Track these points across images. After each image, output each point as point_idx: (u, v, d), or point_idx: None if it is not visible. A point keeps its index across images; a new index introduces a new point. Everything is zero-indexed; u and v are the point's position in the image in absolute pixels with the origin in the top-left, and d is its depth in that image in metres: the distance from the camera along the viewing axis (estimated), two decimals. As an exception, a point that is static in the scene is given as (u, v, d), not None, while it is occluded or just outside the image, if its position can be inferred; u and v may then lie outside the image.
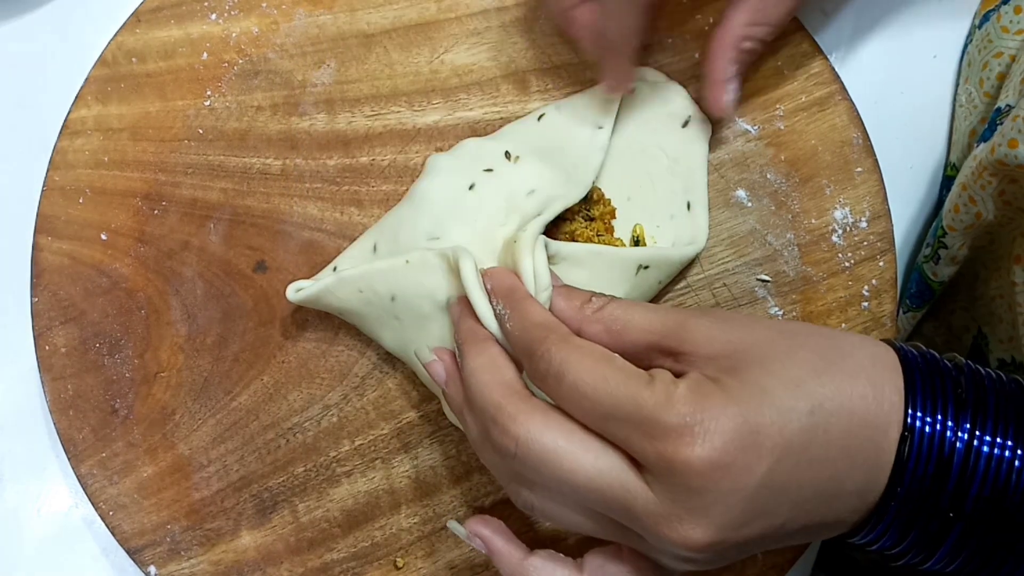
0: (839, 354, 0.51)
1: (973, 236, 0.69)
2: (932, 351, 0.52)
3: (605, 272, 0.64)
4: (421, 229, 0.64)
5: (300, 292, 0.65)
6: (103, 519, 0.68)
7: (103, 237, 0.71)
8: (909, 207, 0.77)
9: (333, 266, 0.68)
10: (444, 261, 0.61)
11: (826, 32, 0.77)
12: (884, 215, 0.70)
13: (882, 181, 0.71)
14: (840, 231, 0.70)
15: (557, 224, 0.67)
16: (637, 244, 0.69)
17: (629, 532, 0.50)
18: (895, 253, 0.70)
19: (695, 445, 0.46)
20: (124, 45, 0.72)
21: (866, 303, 0.70)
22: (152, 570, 0.68)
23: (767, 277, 0.70)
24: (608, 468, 0.49)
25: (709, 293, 0.70)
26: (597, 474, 0.49)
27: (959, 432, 0.49)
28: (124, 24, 0.72)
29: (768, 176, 0.71)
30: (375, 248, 0.66)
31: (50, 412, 0.69)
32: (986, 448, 0.48)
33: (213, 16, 0.73)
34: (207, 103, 0.72)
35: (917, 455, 0.49)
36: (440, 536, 0.68)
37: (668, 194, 0.70)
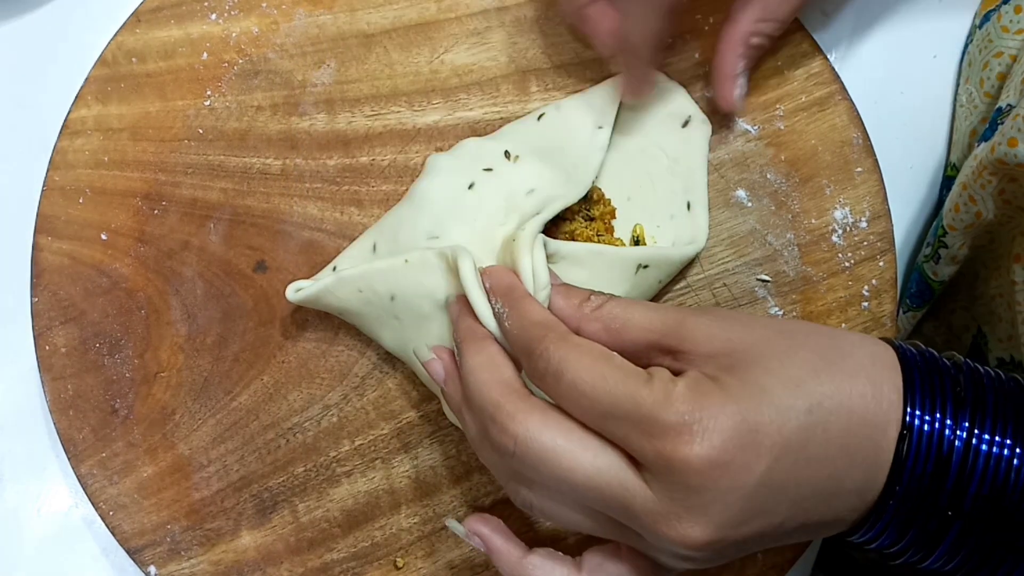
0: (838, 353, 0.51)
1: (973, 236, 0.69)
2: (931, 349, 0.52)
3: (605, 271, 0.64)
4: (421, 229, 0.64)
5: (300, 292, 0.65)
6: (103, 519, 0.68)
7: (103, 237, 0.71)
8: (909, 207, 0.77)
9: (333, 266, 0.68)
10: (443, 260, 0.61)
11: (826, 32, 0.77)
12: (884, 215, 0.70)
13: (882, 181, 0.71)
14: (840, 231, 0.70)
15: (557, 224, 0.67)
16: (637, 244, 0.69)
17: (628, 531, 0.50)
18: (895, 253, 0.70)
19: (694, 443, 0.46)
20: (124, 45, 0.72)
21: (866, 303, 0.70)
22: (152, 570, 0.68)
23: (767, 277, 0.70)
24: (607, 466, 0.49)
25: (709, 293, 0.70)
26: (596, 472, 0.49)
27: (958, 431, 0.49)
28: (124, 24, 0.72)
29: (768, 176, 0.71)
30: (375, 248, 0.66)
31: (50, 412, 0.69)
32: (985, 446, 0.48)
33: (213, 16, 0.73)
34: (207, 103, 0.72)
35: (916, 453, 0.49)
36: (440, 536, 0.68)
37: (668, 194, 0.70)
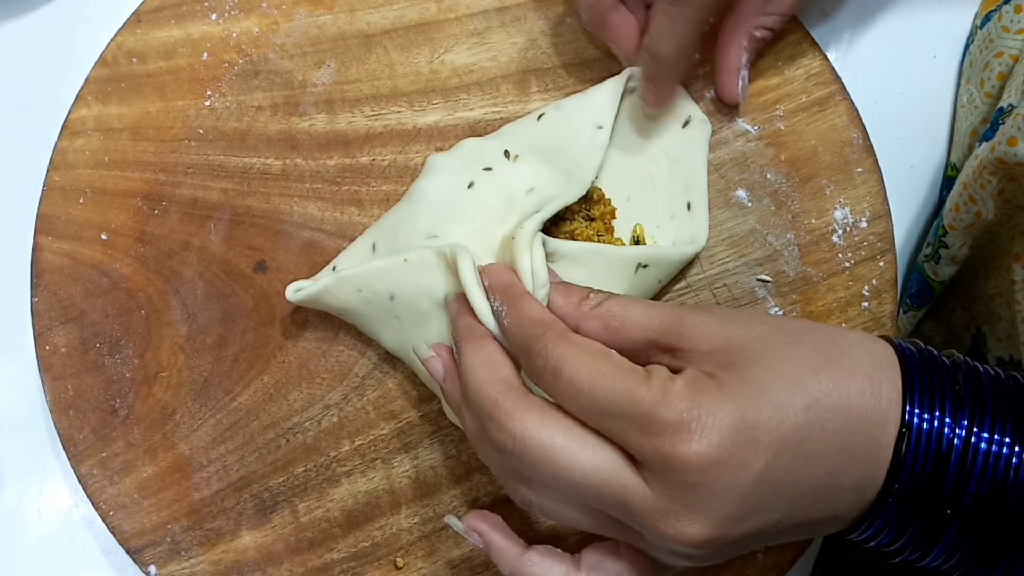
0: (837, 351, 0.50)
1: (973, 235, 0.69)
2: (930, 348, 0.52)
3: (604, 271, 0.64)
4: (420, 228, 0.64)
5: (299, 292, 0.65)
6: (103, 519, 0.68)
7: (103, 237, 0.71)
8: (909, 207, 0.77)
9: (332, 266, 0.68)
10: (442, 259, 0.61)
11: (826, 32, 0.77)
12: (884, 215, 0.70)
13: (882, 181, 0.71)
14: (840, 231, 0.70)
15: (557, 224, 0.67)
16: (637, 244, 0.69)
17: (627, 528, 0.50)
18: (895, 253, 0.70)
19: (692, 441, 0.46)
20: (124, 45, 0.72)
21: (866, 303, 0.70)
22: (152, 570, 0.68)
23: (767, 277, 0.70)
24: (605, 464, 0.49)
25: (709, 293, 0.70)
26: (594, 470, 0.49)
27: (957, 429, 0.49)
28: (124, 24, 0.73)
29: (768, 176, 0.71)
30: (374, 247, 0.66)
31: (50, 412, 0.69)
32: (984, 445, 0.48)
33: (213, 16, 0.73)
34: (207, 103, 0.72)
35: (915, 452, 0.49)
36: (440, 536, 0.68)
37: (668, 194, 0.70)
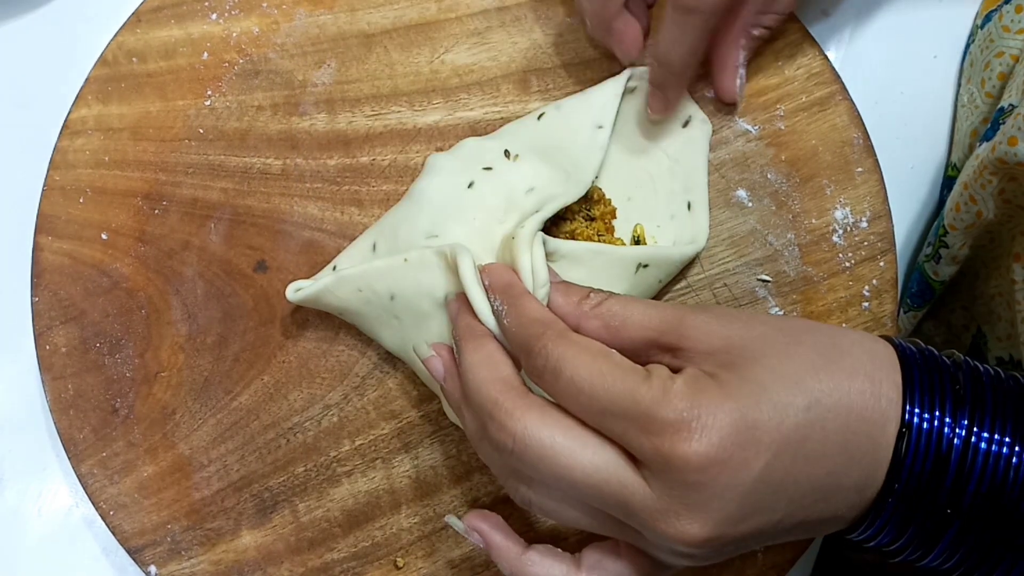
0: (837, 351, 0.50)
1: (974, 235, 0.69)
2: (931, 347, 0.52)
3: (604, 270, 0.64)
4: (420, 228, 0.64)
5: (299, 292, 0.65)
6: (103, 519, 0.68)
7: (103, 237, 0.71)
8: (910, 207, 0.77)
9: (333, 265, 0.68)
10: (442, 259, 0.61)
11: (826, 32, 0.77)
12: (885, 215, 0.70)
13: (883, 181, 0.71)
14: (841, 231, 0.70)
15: (558, 224, 0.67)
16: (637, 244, 0.69)
17: (627, 528, 0.50)
18: (896, 253, 0.70)
19: (692, 440, 0.46)
20: (125, 45, 0.73)
21: (867, 303, 0.70)
22: (152, 570, 0.68)
23: (768, 277, 0.70)
24: (605, 464, 0.49)
25: (710, 293, 0.70)
26: (594, 470, 0.49)
27: (957, 428, 0.49)
28: (125, 24, 0.73)
29: (769, 176, 0.71)
30: (374, 247, 0.66)
31: (50, 412, 0.69)
32: (984, 444, 0.48)
33: (214, 16, 0.73)
34: (208, 103, 0.72)
35: (915, 451, 0.49)
36: (440, 536, 0.68)
37: (669, 194, 0.70)
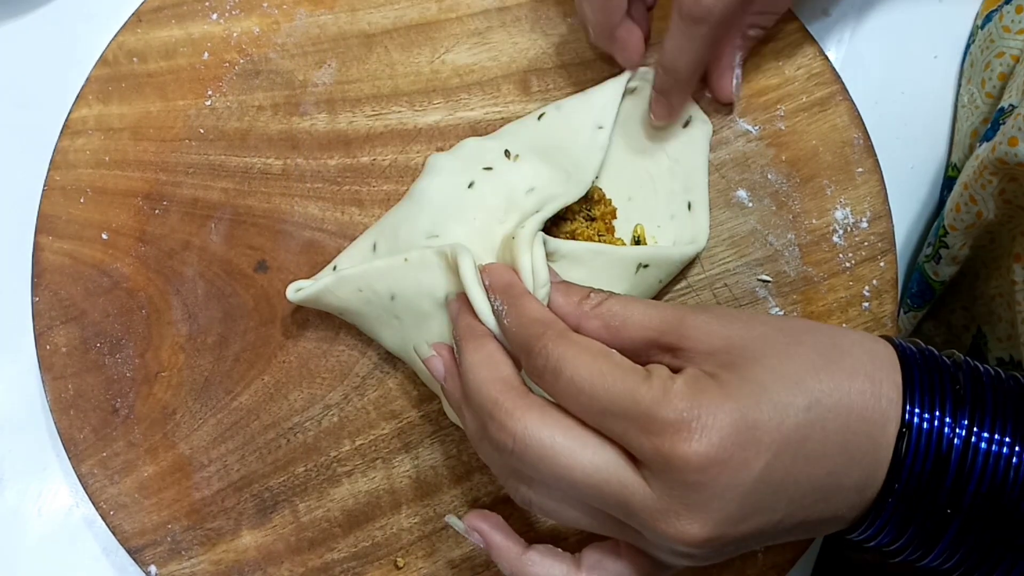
0: (837, 351, 0.50)
1: (974, 236, 0.69)
2: (931, 347, 0.52)
3: (605, 270, 0.64)
4: (420, 228, 0.64)
5: (300, 292, 0.65)
6: (104, 519, 0.68)
7: (104, 237, 0.71)
8: (910, 207, 0.77)
9: (333, 265, 0.68)
10: (443, 259, 0.61)
11: (827, 32, 0.77)
12: (885, 215, 0.70)
13: (883, 181, 0.71)
14: (841, 231, 0.70)
15: (558, 224, 0.67)
16: (638, 244, 0.69)
17: (627, 528, 0.50)
18: (896, 253, 0.70)
19: (692, 440, 0.46)
20: (125, 45, 0.73)
21: (867, 303, 0.70)
22: (153, 570, 0.68)
23: (768, 277, 0.70)
24: (605, 464, 0.49)
25: (710, 293, 0.70)
26: (594, 470, 0.49)
27: (957, 428, 0.49)
28: (125, 24, 0.73)
29: (769, 176, 0.71)
30: (375, 247, 0.66)
31: (51, 411, 0.69)
32: (984, 444, 0.48)
33: (214, 16, 0.73)
34: (208, 103, 0.72)
35: (915, 451, 0.49)
36: (441, 536, 0.68)
37: (669, 194, 0.70)
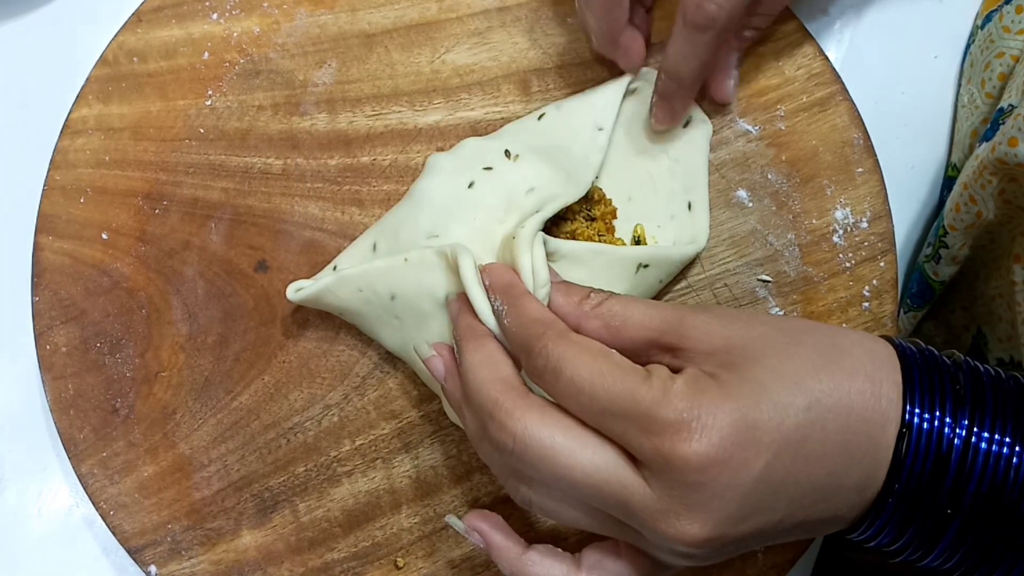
0: (838, 351, 0.50)
1: (974, 236, 0.69)
2: (931, 347, 0.52)
3: (605, 270, 0.64)
4: (421, 228, 0.64)
5: (300, 292, 0.65)
6: (104, 519, 0.68)
7: (104, 236, 0.71)
8: (910, 207, 0.77)
9: (333, 265, 0.68)
10: (443, 259, 0.61)
11: (827, 32, 0.77)
12: (885, 215, 0.70)
13: (883, 181, 0.71)
14: (841, 231, 0.70)
15: (558, 224, 0.67)
16: (638, 244, 0.69)
17: (627, 528, 0.50)
18: (896, 253, 0.70)
19: (692, 440, 0.46)
20: (125, 45, 0.73)
21: (867, 303, 0.70)
22: (153, 570, 0.68)
23: (768, 277, 0.70)
24: (605, 464, 0.49)
25: (710, 293, 0.70)
26: (594, 470, 0.49)
27: (957, 428, 0.49)
28: (125, 24, 0.73)
29: (769, 176, 0.71)
30: (375, 247, 0.66)
31: (51, 411, 0.69)
32: (984, 445, 0.48)
33: (214, 16, 0.73)
34: (208, 103, 0.72)
35: (915, 451, 0.49)
36: (441, 536, 0.68)
37: (669, 194, 0.70)
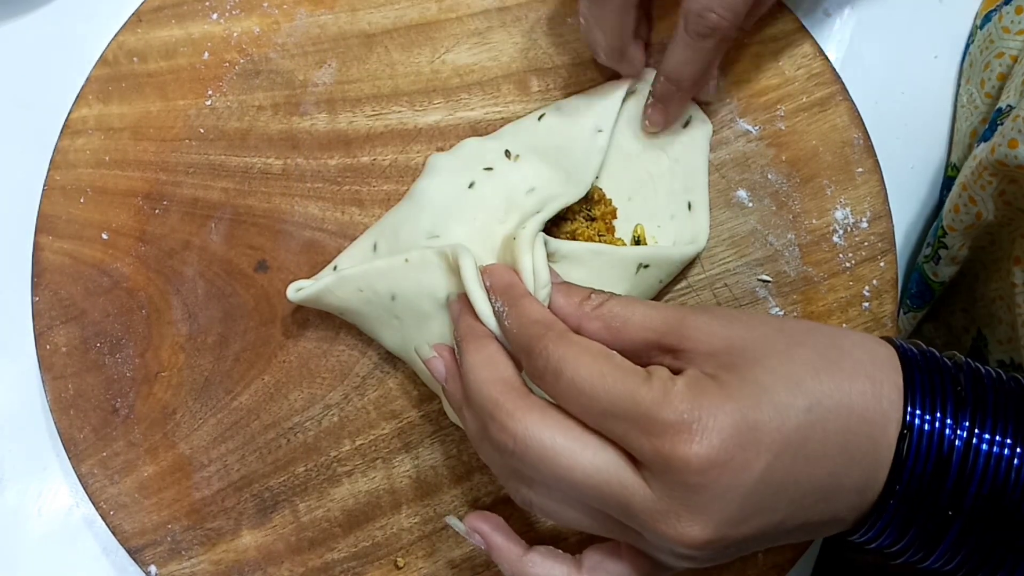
0: (838, 352, 0.50)
1: (973, 236, 0.69)
2: (932, 349, 0.52)
3: (605, 271, 0.64)
4: (421, 228, 0.64)
5: (300, 292, 0.65)
6: (104, 518, 0.68)
7: (104, 236, 0.71)
8: (910, 207, 0.77)
9: (333, 265, 0.68)
10: (443, 259, 0.61)
11: (827, 32, 0.77)
12: (885, 215, 0.70)
13: (883, 181, 0.71)
14: (841, 231, 0.70)
15: (558, 224, 0.67)
16: (638, 244, 0.69)
17: (628, 529, 0.50)
18: (896, 253, 0.70)
19: (693, 442, 0.46)
20: (125, 45, 0.72)
21: (867, 303, 0.70)
22: (153, 570, 0.68)
23: (768, 277, 0.70)
24: (605, 465, 0.49)
25: (710, 293, 0.70)
26: (595, 471, 0.49)
27: (958, 430, 0.49)
28: (125, 24, 0.72)
29: (769, 176, 0.71)
30: (375, 247, 0.66)
31: (51, 411, 0.69)
32: (985, 446, 0.48)
33: (214, 16, 0.73)
34: (208, 103, 0.72)
35: (916, 453, 0.49)
36: (441, 536, 0.68)
37: (669, 194, 0.70)
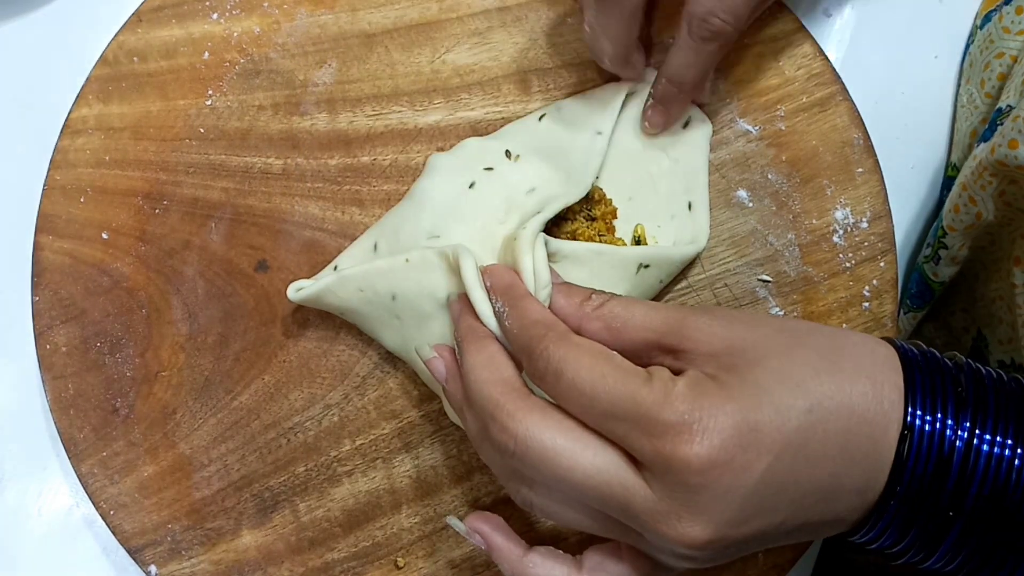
0: (839, 352, 0.50)
1: (973, 237, 0.69)
2: (932, 349, 0.52)
3: (605, 271, 0.64)
4: (421, 228, 0.64)
5: (300, 291, 0.65)
6: (104, 518, 0.68)
7: (104, 236, 0.71)
8: (910, 207, 0.77)
9: (334, 265, 0.68)
10: (444, 259, 0.61)
11: (827, 32, 0.77)
12: (885, 215, 0.70)
13: (883, 181, 0.71)
14: (841, 231, 0.70)
15: (558, 224, 0.67)
16: (638, 244, 0.69)
17: (628, 530, 0.50)
18: (896, 253, 0.70)
19: (693, 443, 0.46)
20: (125, 44, 0.72)
21: (867, 303, 0.70)
22: (153, 569, 0.68)
23: (768, 277, 0.70)
24: (606, 465, 0.49)
25: (710, 293, 0.70)
26: (595, 471, 0.49)
27: (959, 431, 0.49)
28: (125, 23, 0.72)
29: (769, 176, 0.71)
30: (375, 247, 0.66)
31: (51, 411, 0.69)
32: (986, 447, 0.48)
33: (215, 15, 0.73)
34: (208, 102, 0.72)
35: (917, 453, 0.49)
36: (441, 536, 0.68)
37: (669, 194, 0.70)
